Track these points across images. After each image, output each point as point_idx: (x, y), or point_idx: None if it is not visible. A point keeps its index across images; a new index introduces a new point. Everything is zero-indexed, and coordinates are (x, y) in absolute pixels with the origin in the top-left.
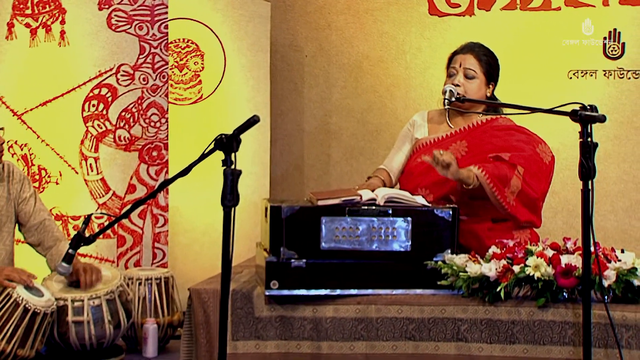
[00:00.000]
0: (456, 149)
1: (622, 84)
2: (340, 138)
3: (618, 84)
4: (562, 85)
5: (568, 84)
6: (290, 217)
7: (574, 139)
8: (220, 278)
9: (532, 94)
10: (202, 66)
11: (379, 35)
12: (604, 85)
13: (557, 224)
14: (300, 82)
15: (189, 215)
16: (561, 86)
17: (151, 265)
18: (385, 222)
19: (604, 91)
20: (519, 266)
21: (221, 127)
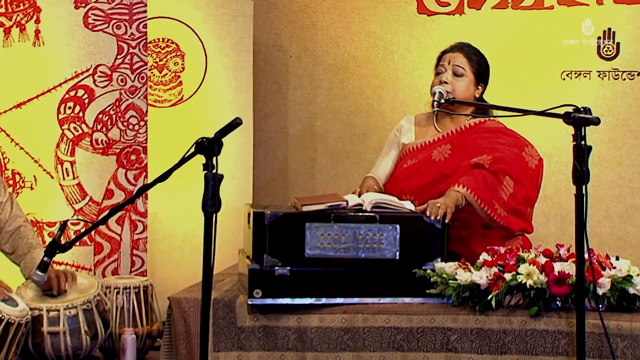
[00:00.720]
0: (440, 152)
1: (617, 85)
2: (325, 141)
3: (613, 85)
4: (554, 86)
5: (561, 85)
6: (274, 224)
7: (567, 142)
8: (201, 286)
9: (524, 95)
10: (183, 67)
11: (365, 35)
12: (598, 86)
13: (550, 230)
14: (285, 83)
15: (169, 221)
16: (554, 87)
17: (129, 273)
18: (372, 228)
19: (598, 93)
20: (510, 274)
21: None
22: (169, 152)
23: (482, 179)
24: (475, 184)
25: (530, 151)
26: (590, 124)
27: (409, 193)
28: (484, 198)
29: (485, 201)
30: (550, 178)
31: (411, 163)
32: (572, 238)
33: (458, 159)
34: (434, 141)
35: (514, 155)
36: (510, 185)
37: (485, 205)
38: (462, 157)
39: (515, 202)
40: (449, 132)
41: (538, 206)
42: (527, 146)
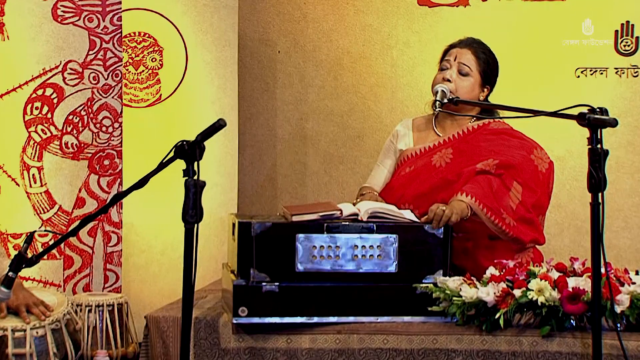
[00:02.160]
0: (441, 156)
1: (636, 83)
2: (317, 145)
3: (631, 83)
4: (568, 84)
5: (575, 83)
6: (261, 235)
7: (581, 145)
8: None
9: (535, 95)
10: (161, 63)
11: (361, 28)
12: (616, 84)
13: (563, 242)
14: (272, 81)
15: (146, 232)
16: (567, 86)
17: (102, 289)
18: (368, 239)
19: (615, 91)
20: (520, 290)
21: (182, 132)
22: (146, 156)
23: (487, 186)
24: (481, 191)
25: (540, 154)
26: (606, 126)
27: (407, 202)
28: (491, 206)
29: (492, 210)
30: (563, 185)
31: (410, 170)
32: (587, 251)
33: (461, 164)
34: (434, 146)
35: (522, 158)
36: (519, 191)
37: (492, 215)
38: (465, 162)
39: (525, 210)
40: (450, 135)
41: (550, 216)
42: (536, 148)
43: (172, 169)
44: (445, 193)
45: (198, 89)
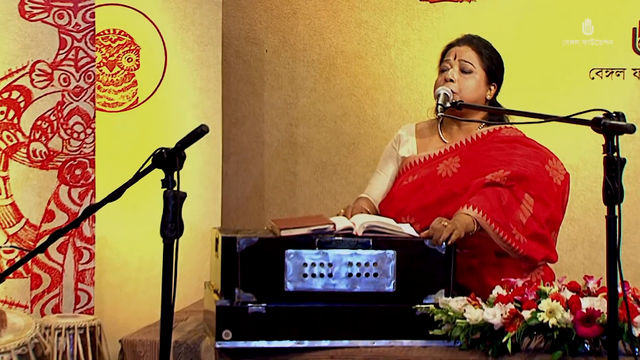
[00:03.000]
0: (447, 165)
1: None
2: (308, 152)
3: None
4: (582, 87)
5: (590, 85)
6: (247, 251)
7: (596, 153)
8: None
9: (546, 98)
10: (138, 63)
11: (356, 26)
12: (634, 86)
13: (576, 258)
14: (260, 83)
15: (121, 248)
16: (581, 88)
17: (73, 311)
18: (364, 256)
19: (633, 94)
20: (529, 311)
21: (161, 139)
22: (121, 165)
23: (496, 199)
24: (489, 204)
25: (555, 164)
26: (623, 132)
27: (409, 215)
28: (499, 221)
29: (500, 225)
30: (577, 196)
31: (412, 180)
32: (602, 268)
33: (468, 175)
34: (439, 154)
35: (535, 169)
36: (531, 204)
37: (500, 230)
38: (473, 173)
39: (537, 225)
40: (457, 142)
41: (563, 230)
42: (551, 159)
43: (149, 179)
44: (451, 206)
45: (178, 92)
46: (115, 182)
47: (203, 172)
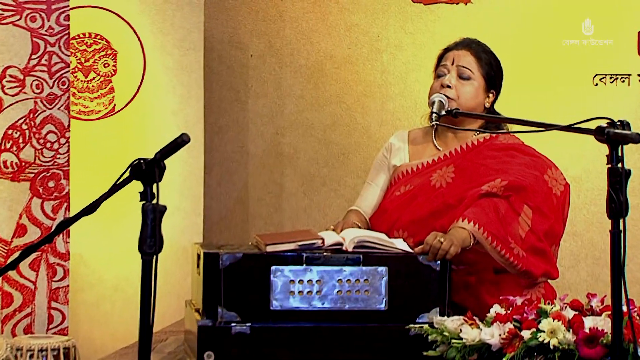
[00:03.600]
0: (441, 175)
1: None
2: (296, 163)
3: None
4: (585, 93)
5: (593, 92)
6: (231, 268)
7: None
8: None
9: (547, 105)
10: (115, 69)
11: (346, 29)
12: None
13: (579, 275)
14: (244, 89)
15: (97, 265)
16: (584, 95)
17: (46, 331)
18: (354, 273)
19: (639, 102)
20: (529, 331)
21: (139, 148)
22: (97, 177)
23: (493, 211)
24: (485, 217)
25: (555, 174)
26: (628, 142)
27: (401, 228)
28: (497, 235)
29: (498, 239)
30: (579, 210)
31: (405, 190)
32: (607, 285)
33: (463, 185)
34: (433, 162)
35: (534, 178)
36: (529, 216)
37: (498, 244)
38: (469, 183)
39: (536, 238)
40: (451, 150)
41: (564, 245)
42: (550, 168)
43: (127, 191)
44: (445, 219)
45: (158, 99)
46: (90, 194)
47: (184, 184)
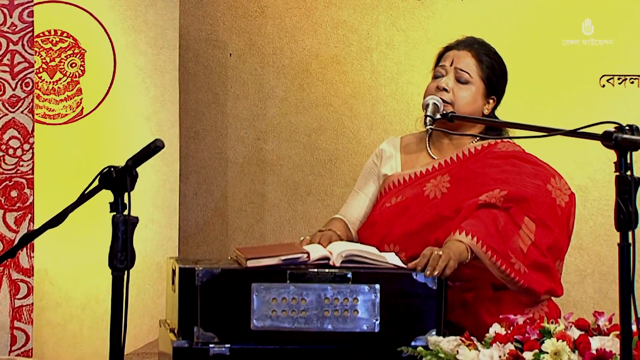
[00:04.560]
0: (435, 185)
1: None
2: (279, 171)
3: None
4: (591, 96)
5: (600, 94)
6: (208, 284)
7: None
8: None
9: (551, 108)
10: (83, 69)
11: (333, 26)
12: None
13: (585, 292)
14: (223, 91)
15: (64, 282)
16: (590, 98)
17: (9, 353)
18: (343, 290)
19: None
20: (531, 353)
21: (109, 155)
22: (64, 186)
23: (491, 223)
24: (484, 229)
25: (559, 183)
26: (638, 148)
27: (392, 242)
28: (496, 249)
29: (497, 253)
30: (585, 221)
31: (396, 201)
32: (615, 303)
33: (459, 195)
34: (427, 171)
35: (536, 188)
36: (532, 229)
37: (498, 259)
38: (465, 193)
39: (539, 253)
40: (446, 159)
41: (570, 260)
42: (553, 177)
43: (96, 202)
44: (440, 232)
45: (129, 102)
46: (57, 205)
47: (158, 194)
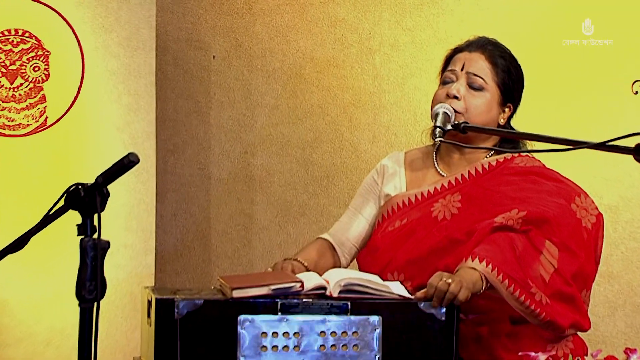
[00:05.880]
0: (445, 205)
1: None
2: (269, 189)
3: None
4: (622, 104)
5: (632, 101)
6: (189, 317)
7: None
8: None
9: (575, 118)
10: (47, 73)
11: (330, 25)
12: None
13: (616, 326)
14: (205, 99)
15: (25, 314)
16: (621, 106)
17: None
18: (341, 324)
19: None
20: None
21: (77, 171)
22: (26, 205)
23: (509, 248)
24: (500, 255)
25: (584, 202)
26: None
27: (396, 270)
28: (514, 277)
29: (516, 282)
30: (616, 246)
31: (400, 224)
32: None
33: (472, 217)
34: (435, 190)
35: (558, 208)
36: (554, 255)
37: (516, 289)
38: (479, 214)
39: (562, 281)
40: (457, 175)
41: (598, 289)
42: (578, 195)
43: (62, 223)
44: (451, 258)
45: (99, 111)
46: (17, 227)
47: (131, 215)
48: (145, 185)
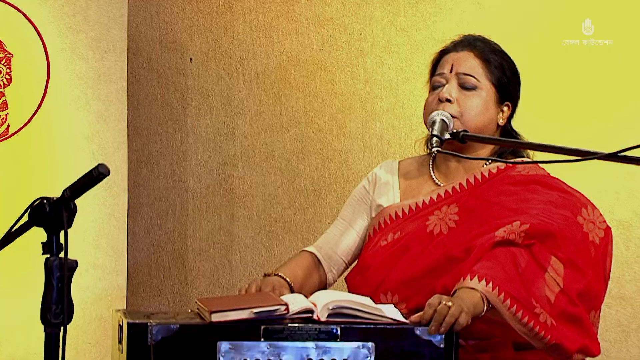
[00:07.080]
0: (441, 218)
1: None
2: (251, 203)
3: None
4: (634, 109)
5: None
6: (164, 343)
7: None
8: None
9: (582, 125)
10: (9, 78)
11: (318, 25)
12: None
13: (628, 351)
14: (181, 105)
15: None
16: (633, 112)
17: None
18: (330, 350)
19: None
20: None
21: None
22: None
23: (511, 264)
24: (502, 273)
25: (592, 215)
26: None
27: (390, 291)
28: (517, 297)
29: (518, 302)
30: (629, 265)
31: (393, 238)
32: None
33: (471, 230)
34: (430, 201)
35: (563, 221)
36: (560, 272)
37: (519, 309)
38: (478, 227)
39: (568, 301)
40: (455, 185)
41: (609, 312)
42: (585, 207)
43: (25, 241)
44: (448, 277)
45: (66, 118)
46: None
47: (101, 232)
48: (116, 199)
